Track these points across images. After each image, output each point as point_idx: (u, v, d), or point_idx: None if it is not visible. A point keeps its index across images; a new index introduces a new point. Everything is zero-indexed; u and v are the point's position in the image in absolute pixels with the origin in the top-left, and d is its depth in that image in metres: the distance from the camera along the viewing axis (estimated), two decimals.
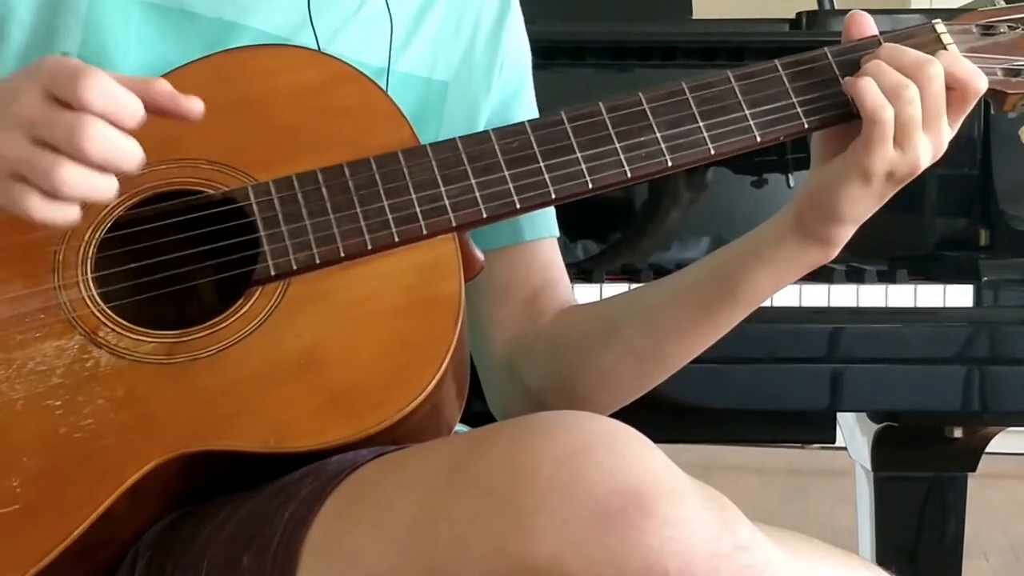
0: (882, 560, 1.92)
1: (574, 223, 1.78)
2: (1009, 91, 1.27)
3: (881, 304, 1.78)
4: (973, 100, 1.24)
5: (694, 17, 2.22)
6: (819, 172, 1.26)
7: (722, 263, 1.31)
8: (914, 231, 1.90)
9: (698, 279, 1.32)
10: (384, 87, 1.29)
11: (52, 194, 1.05)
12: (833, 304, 1.78)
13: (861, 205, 1.24)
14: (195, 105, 1.11)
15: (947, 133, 1.23)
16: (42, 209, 1.06)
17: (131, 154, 1.07)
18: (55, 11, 1.25)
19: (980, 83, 1.23)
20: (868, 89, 1.20)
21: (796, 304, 1.77)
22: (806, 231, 1.26)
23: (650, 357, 1.33)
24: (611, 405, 1.35)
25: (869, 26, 1.27)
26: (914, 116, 1.20)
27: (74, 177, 1.05)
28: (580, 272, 1.81)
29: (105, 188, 1.07)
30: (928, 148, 1.22)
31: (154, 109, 1.09)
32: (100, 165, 1.06)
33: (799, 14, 2.02)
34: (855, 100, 1.21)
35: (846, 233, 1.26)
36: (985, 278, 1.79)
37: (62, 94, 1.05)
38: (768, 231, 1.29)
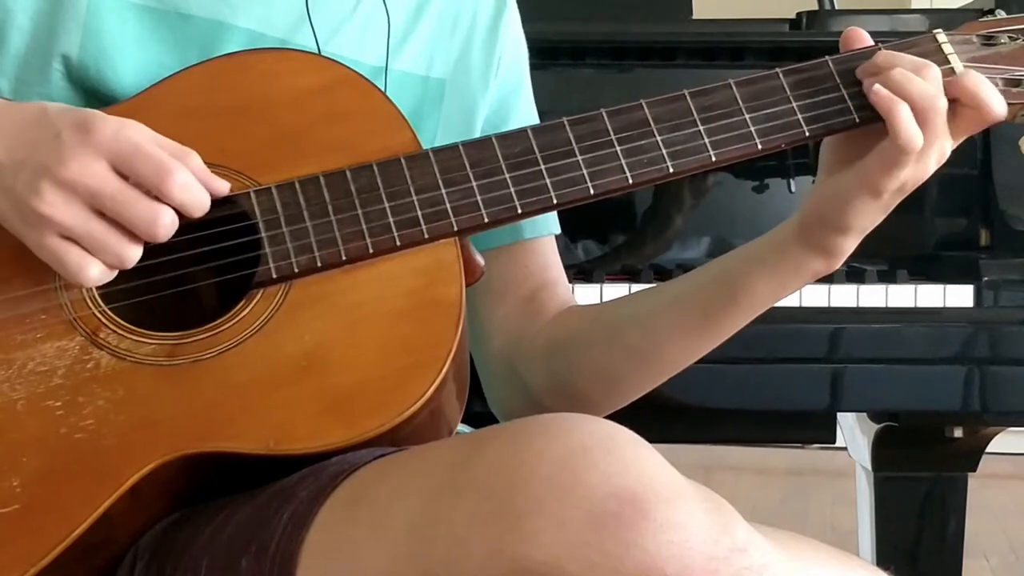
0: (882, 560, 1.92)
1: (575, 224, 1.78)
2: (1010, 101, 1.27)
3: (881, 304, 1.78)
4: (988, 124, 1.24)
5: (694, 17, 2.22)
6: (827, 182, 1.26)
7: (724, 268, 1.31)
8: (914, 231, 1.90)
9: (700, 284, 1.32)
10: (382, 86, 1.29)
11: (114, 267, 1.12)
12: (833, 304, 1.78)
13: (867, 217, 1.24)
14: (222, 187, 1.16)
15: (949, 144, 1.23)
16: (98, 278, 1.12)
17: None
18: (54, 15, 1.24)
19: (1001, 111, 1.23)
20: (904, 117, 1.19)
21: (796, 304, 1.77)
22: (810, 240, 1.26)
23: (649, 359, 1.33)
24: (609, 405, 1.35)
25: (866, 40, 1.27)
26: (940, 128, 1.20)
27: (137, 255, 1.12)
28: (580, 273, 1.82)
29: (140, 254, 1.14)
30: (934, 161, 1.22)
31: None
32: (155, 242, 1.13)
33: (799, 14, 2.03)
34: (888, 123, 1.20)
35: (850, 244, 1.26)
36: (985, 278, 1.79)
37: (144, 182, 1.10)
38: (772, 239, 1.29)
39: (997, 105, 1.22)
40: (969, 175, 1.88)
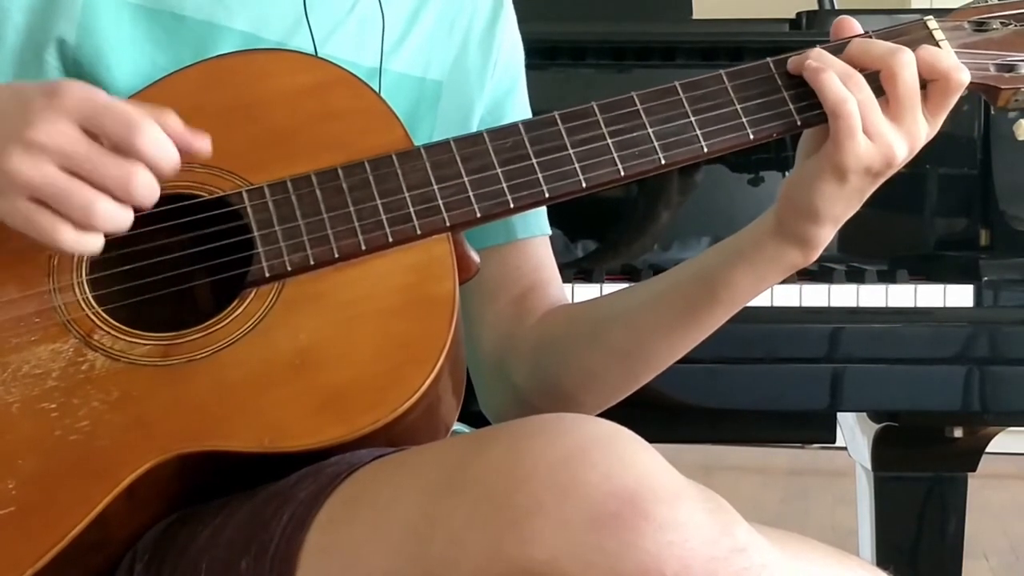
0: (882, 560, 1.92)
1: (575, 223, 1.78)
2: (1002, 87, 1.27)
3: (881, 304, 1.78)
4: (955, 93, 1.23)
5: (694, 17, 2.22)
6: (797, 170, 1.25)
7: (705, 263, 1.31)
8: (914, 231, 1.90)
9: (681, 279, 1.32)
10: (377, 87, 1.29)
11: (86, 227, 1.08)
12: (833, 304, 1.78)
13: (838, 203, 1.23)
14: (204, 145, 1.13)
15: (923, 125, 1.22)
16: (74, 240, 1.08)
17: (156, 195, 1.10)
18: (50, 13, 1.24)
19: (962, 75, 1.22)
20: (829, 83, 1.20)
21: (796, 304, 1.77)
22: (785, 231, 1.26)
23: (633, 356, 1.33)
24: (596, 404, 1.35)
25: (856, 29, 1.27)
26: (866, 102, 1.20)
27: (111, 212, 1.08)
28: (580, 272, 1.81)
29: (128, 220, 1.10)
30: (902, 141, 1.21)
31: None
32: (135, 205, 1.09)
33: (799, 14, 2.03)
34: (819, 96, 1.21)
35: (825, 234, 1.25)
36: (985, 278, 1.79)
37: (112, 137, 1.07)
38: (749, 232, 1.29)
39: (958, 72, 1.22)
40: (969, 175, 1.88)
